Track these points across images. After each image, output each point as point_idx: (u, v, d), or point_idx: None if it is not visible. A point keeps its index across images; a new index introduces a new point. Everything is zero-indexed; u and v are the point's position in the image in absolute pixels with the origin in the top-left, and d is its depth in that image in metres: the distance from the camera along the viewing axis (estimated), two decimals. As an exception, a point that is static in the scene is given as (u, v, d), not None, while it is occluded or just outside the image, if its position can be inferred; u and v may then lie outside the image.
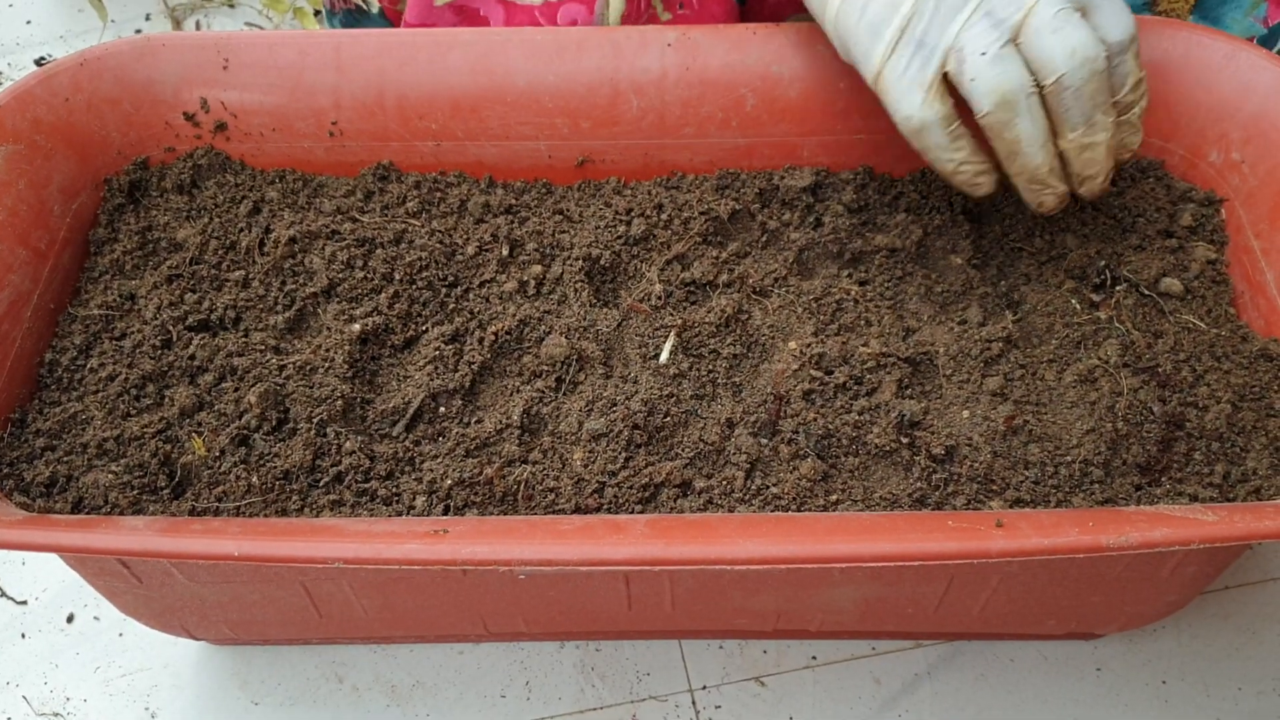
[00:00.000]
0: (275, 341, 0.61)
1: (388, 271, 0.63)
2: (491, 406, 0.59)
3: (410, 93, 0.69)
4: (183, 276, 0.64)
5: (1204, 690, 0.65)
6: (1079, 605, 0.59)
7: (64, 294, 0.65)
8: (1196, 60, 0.66)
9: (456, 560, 0.45)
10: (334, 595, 0.58)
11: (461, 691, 0.66)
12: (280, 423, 0.58)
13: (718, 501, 0.55)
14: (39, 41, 1.15)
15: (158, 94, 0.70)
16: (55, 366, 0.61)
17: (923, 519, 0.50)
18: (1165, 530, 0.45)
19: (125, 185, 0.68)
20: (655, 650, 0.67)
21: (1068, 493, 0.54)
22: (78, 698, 0.67)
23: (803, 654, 0.67)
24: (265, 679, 0.67)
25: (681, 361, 0.59)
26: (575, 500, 0.55)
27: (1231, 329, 0.60)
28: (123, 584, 0.57)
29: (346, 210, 0.67)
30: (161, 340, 0.61)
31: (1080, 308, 0.61)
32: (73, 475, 0.56)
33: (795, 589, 0.58)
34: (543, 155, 0.71)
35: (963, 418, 0.57)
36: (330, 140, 0.70)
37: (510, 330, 0.61)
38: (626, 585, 0.57)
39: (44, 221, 0.64)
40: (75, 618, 0.70)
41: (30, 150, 0.65)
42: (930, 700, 0.65)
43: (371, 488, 0.56)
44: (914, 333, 0.61)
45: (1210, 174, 0.66)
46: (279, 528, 0.51)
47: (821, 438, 0.56)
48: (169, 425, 0.58)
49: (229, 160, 0.71)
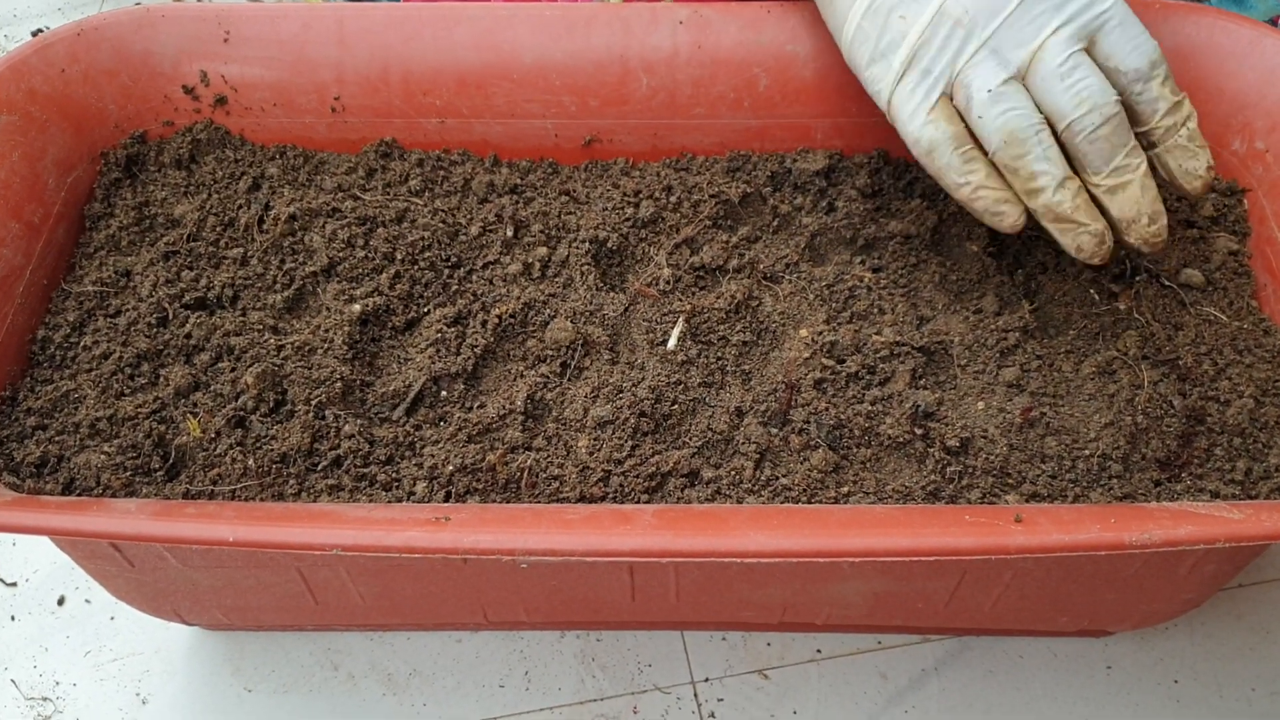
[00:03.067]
0: (273, 321, 0.60)
1: (389, 251, 0.62)
2: (495, 391, 0.58)
3: (415, 68, 0.68)
4: (180, 253, 0.63)
5: (1216, 690, 0.64)
6: (1093, 602, 0.58)
7: (58, 269, 0.63)
8: (1219, 46, 0.64)
9: (459, 549, 0.44)
10: (330, 582, 0.56)
11: (459, 680, 0.65)
12: (278, 404, 0.56)
13: (726, 492, 0.53)
14: (36, 14, 1.13)
15: (156, 66, 0.68)
16: (48, 344, 0.60)
17: (938, 513, 0.48)
18: (1190, 528, 0.44)
19: (122, 159, 0.67)
20: (657, 641, 0.66)
21: (1085, 487, 0.53)
22: (67, 682, 0.65)
23: (807, 647, 0.66)
24: (259, 666, 0.66)
25: (690, 348, 0.58)
26: (580, 489, 0.54)
27: (1254, 322, 0.59)
28: (114, 568, 0.56)
29: (348, 188, 0.66)
30: (157, 318, 0.60)
31: (1099, 298, 0.59)
32: (64, 455, 0.55)
33: (803, 582, 0.57)
34: (549, 134, 0.69)
35: (978, 409, 0.55)
36: (332, 116, 0.69)
37: (514, 313, 0.60)
38: (630, 576, 0.56)
39: (38, 195, 0.63)
40: (66, 600, 0.69)
41: (25, 122, 0.63)
42: (937, 696, 0.64)
43: (371, 473, 0.54)
44: (928, 321, 0.59)
45: (1233, 163, 0.64)
46: (276, 513, 0.50)
47: (833, 428, 0.54)
48: (164, 405, 0.56)
49: (229, 135, 0.69)
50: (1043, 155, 0.54)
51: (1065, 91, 0.53)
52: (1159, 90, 0.54)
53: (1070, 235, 0.54)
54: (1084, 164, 0.54)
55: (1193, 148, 0.55)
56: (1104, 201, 0.54)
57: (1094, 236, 0.54)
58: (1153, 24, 0.65)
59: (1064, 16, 0.54)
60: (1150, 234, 0.54)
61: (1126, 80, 0.54)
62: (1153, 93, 0.54)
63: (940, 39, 0.55)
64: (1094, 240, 0.54)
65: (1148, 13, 0.65)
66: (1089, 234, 0.54)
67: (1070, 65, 0.53)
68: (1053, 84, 0.53)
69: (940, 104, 0.56)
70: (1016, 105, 0.54)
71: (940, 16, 0.55)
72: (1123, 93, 0.54)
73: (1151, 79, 0.54)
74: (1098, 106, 0.53)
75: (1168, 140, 0.55)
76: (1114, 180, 0.54)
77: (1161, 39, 0.65)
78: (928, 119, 0.56)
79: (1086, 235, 0.54)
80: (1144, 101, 0.55)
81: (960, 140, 0.55)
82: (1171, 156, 0.55)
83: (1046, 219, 0.55)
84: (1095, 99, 0.53)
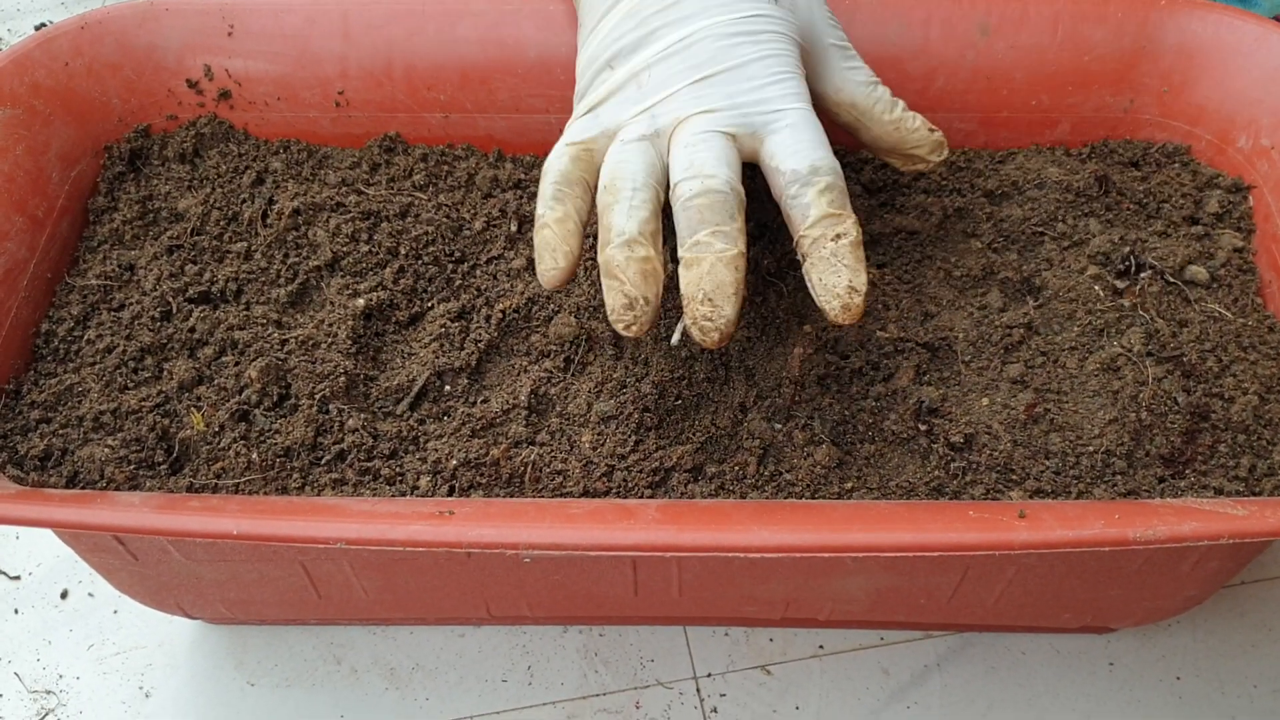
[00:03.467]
0: (277, 315, 0.60)
1: (393, 246, 0.62)
2: (498, 386, 0.58)
3: (419, 63, 0.68)
4: (183, 247, 0.63)
5: (1219, 687, 0.64)
6: (1096, 599, 0.58)
7: (61, 263, 0.63)
8: (1225, 43, 0.64)
9: (463, 542, 0.44)
10: (334, 576, 0.56)
11: (462, 675, 0.65)
12: (281, 398, 0.56)
13: (729, 487, 0.53)
14: (40, 8, 1.13)
15: (160, 60, 0.68)
16: (51, 337, 0.60)
17: (942, 508, 0.48)
18: (1194, 524, 0.44)
19: (126, 153, 0.67)
20: (660, 636, 0.66)
21: (1089, 484, 0.53)
22: (70, 675, 0.65)
23: (810, 643, 0.66)
24: (261, 659, 0.66)
25: (693, 344, 0.58)
26: (583, 483, 0.54)
27: (1258, 319, 0.58)
28: (118, 561, 0.56)
29: (352, 182, 0.66)
30: (161, 312, 0.60)
31: (1103, 294, 0.59)
32: (68, 449, 0.55)
33: (806, 577, 0.57)
34: (553, 129, 0.69)
35: (982, 405, 0.55)
36: (336, 110, 0.69)
37: (518, 308, 0.60)
38: (633, 570, 0.56)
39: (42, 188, 0.63)
40: (69, 594, 0.69)
41: (29, 115, 0.63)
42: (939, 692, 0.64)
43: (374, 467, 0.54)
44: (932, 317, 0.59)
45: (1238, 160, 0.64)
46: (280, 506, 0.50)
47: (836, 424, 0.54)
48: (167, 399, 0.56)
49: (232, 129, 0.69)
50: (625, 211, 0.50)
51: (681, 156, 0.51)
52: (813, 197, 0.50)
53: (610, 293, 0.49)
54: (678, 234, 0.50)
55: (836, 264, 0.49)
56: (680, 276, 0.50)
57: (625, 297, 0.49)
58: (1159, 21, 0.65)
59: (730, 103, 0.53)
60: (700, 314, 0.48)
61: (784, 183, 0.51)
62: (806, 199, 0.50)
63: (620, 96, 0.55)
64: (624, 301, 0.49)
65: (1153, 9, 0.65)
66: (622, 293, 0.49)
67: (701, 138, 0.51)
68: (677, 149, 0.52)
69: (583, 144, 0.54)
70: (630, 159, 0.52)
71: (629, 76, 0.55)
72: (780, 196, 0.52)
73: (809, 184, 0.50)
74: (700, 176, 0.50)
75: (814, 252, 0.50)
76: (690, 254, 0.49)
77: (1167, 36, 0.65)
78: (562, 149, 0.54)
79: (619, 294, 0.49)
80: (797, 207, 0.50)
81: (566, 180, 0.53)
82: (815, 270, 0.49)
83: (602, 273, 0.50)
84: (702, 169, 0.50)
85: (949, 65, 0.67)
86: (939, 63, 0.67)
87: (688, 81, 0.53)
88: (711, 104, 0.53)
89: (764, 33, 0.55)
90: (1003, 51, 0.67)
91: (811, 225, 0.50)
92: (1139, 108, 0.67)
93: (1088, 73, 0.67)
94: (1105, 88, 0.67)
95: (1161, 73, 0.66)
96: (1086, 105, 0.68)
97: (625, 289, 0.49)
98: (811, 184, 0.50)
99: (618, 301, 0.49)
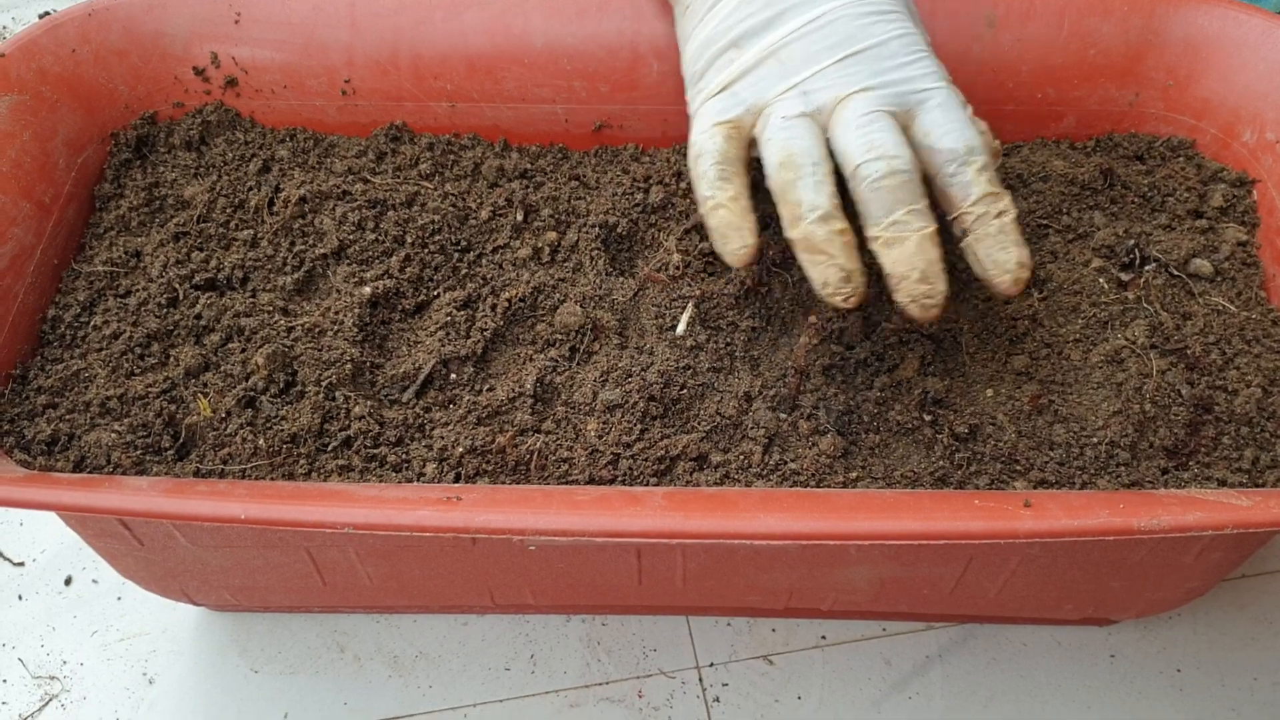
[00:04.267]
0: (284, 303, 0.60)
1: (399, 234, 0.62)
2: (504, 374, 0.58)
3: (425, 52, 0.68)
4: (190, 234, 0.63)
5: (1219, 679, 0.64)
6: (1098, 590, 0.58)
7: (68, 249, 0.63)
8: (1231, 37, 0.64)
9: (470, 528, 0.44)
10: (339, 562, 0.57)
11: (465, 663, 0.65)
12: (288, 385, 0.56)
13: (735, 476, 0.54)
14: (43, -4, 1.13)
15: (167, 47, 0.68)
16: (58, 323, 0.60)
17: (948, 497, 0.49)
18: (1198, 514, 0.44)
19: (132, 140, 0.67)
20: (663, 626, 0.66)
21: (1093, 475, 0.53)
22: (74, 661, 0.66)
23: (812, 633, 0.66)
24: (265, 647, 0.66)
25: (699, 333, 0.58)
26: (589, 471, 0.54)
27: (1262, 312, 0.59)
28: (123, 546, 0.56)
29: (358, 171, 0.66)
30: (167, 299, 0.60)
31: (1108, 287, 0.59)
32: (75, 434, 0.55)
33: (809, 567, 0.57)
34: (559, 119, 0.69)
35: (986, 396, 0.55)
36: (343, 99, 0.69)
37: (524, 297, 0.60)
38: (637, 559, 0.56)
39: (49, 175, 0.63)
40: (73, 580, 0.69)
41: (35, 101, 0.63)
42: (941, 683, 0.64)
43: (381, 454, 0.54)
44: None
45: (1243, 154, 0.64)
46: (287, 491, 0.50)
47: (842, 414, 0.55)
48: (174, 385, 0.56)
49: (239, 117, 0.69)
50: (812, 185, 0.52)
51: (858, 138, 0.52)
52: (973, 176, 0.52)
53: (819, 268, 0.51)
54: (865, 215, 0.52)
55: (1004, 240, 0.52)
56: (879, 255, 0.52)
57: (841, 271, 0.51)
58: (1164, 14, 0.65)
59: (881, 81, 0.53)
60: (920, 293, 0.51)
61: (940, 161, 0.52)
62: (966, 177, 0.52)
63: (757, 73, 0.55)
64: (840, 275, 0.51)
65: (1159, 3, 0.65)
66: (836, 266, 0.51)
67: (870, 118, 0.52)
68: (848, 130, 0.52)
69: (731, 122, 0.55)
70: (802, 135, 0.53)
71: (765, 54, 0.55)
72: (936, 174, 0.53)
73: (967, 164, 0.52)
74: (885, 157, 0.51)
75: (978, 229, 0.52)
76: (890, 234, 0.51)
77: (1173, 29, 0.65)
78: (711, 129, 0.55)
79: (834, 268, 0.51)
80: (956, 185, 0.52)
81: (726, 159, 0.54)
82: (981, 245, 0.52)
83: (800, 248, 0.52)
84: (885, 150, 0.51)
85: (955, 57, 0.67)
86: (945, 55, 0.67)
87: (833, 59, 0.54)
88: (864, 82, 0.53)
89: (893, 11, 0.56)
90: (1009, 44, 0.67)
91: (974, 203, 0.52)
92: (1144, 101, 0.68)
93: (1093, 66, 0.67)
94: (1111, 81, 0.67)
95: (1167, 66, 0.66)
96: (1092, 98, 0.68)
97: (838, 262, 0.51)
98: (970, 163, 0.52)
99: (833, 276, 0.51)
